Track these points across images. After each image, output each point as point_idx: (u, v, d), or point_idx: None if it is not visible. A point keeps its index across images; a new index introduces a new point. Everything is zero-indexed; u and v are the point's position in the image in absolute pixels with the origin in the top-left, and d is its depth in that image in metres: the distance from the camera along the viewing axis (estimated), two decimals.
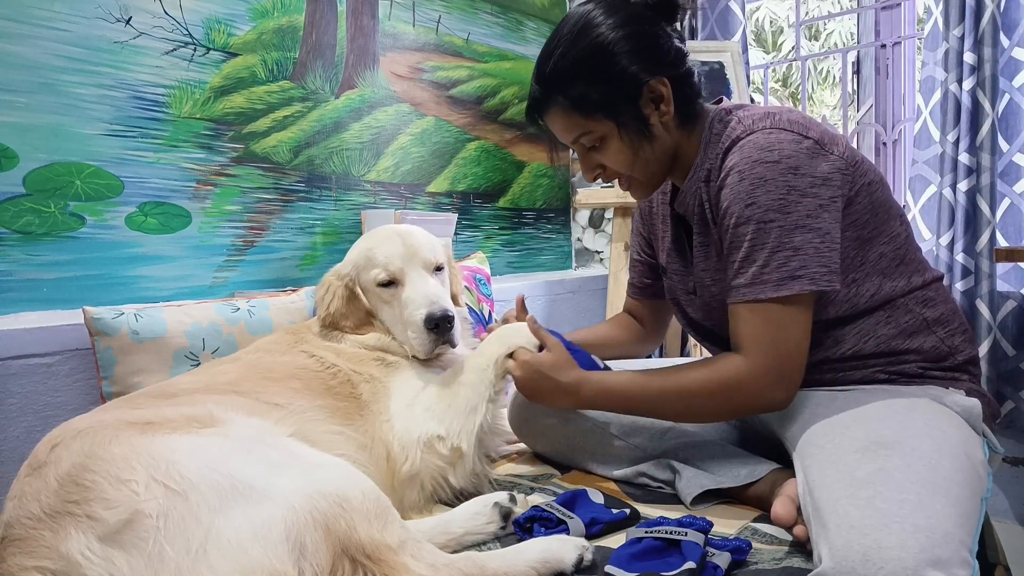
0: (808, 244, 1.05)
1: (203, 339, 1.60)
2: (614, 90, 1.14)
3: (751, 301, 1.07)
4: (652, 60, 1.15)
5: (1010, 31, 1.97)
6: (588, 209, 3.08)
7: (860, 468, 0.92)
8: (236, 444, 0.95)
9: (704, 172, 1.19)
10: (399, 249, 1.43)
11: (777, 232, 1.05)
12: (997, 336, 1.98)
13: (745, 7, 2.61)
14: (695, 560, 0.93)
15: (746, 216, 1.07)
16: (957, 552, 0.81)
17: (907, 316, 1.14)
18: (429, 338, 1.37)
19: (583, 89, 1.14)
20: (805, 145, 1.07)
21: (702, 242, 1.23)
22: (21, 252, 1.62)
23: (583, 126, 1.18)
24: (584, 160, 1.24)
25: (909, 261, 1.16)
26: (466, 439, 1.26)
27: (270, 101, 2.05)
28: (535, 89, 1.20)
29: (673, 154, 1.23)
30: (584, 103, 1.15)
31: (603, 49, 1.13)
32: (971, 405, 1.08)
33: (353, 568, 0.88)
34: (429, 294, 1.39)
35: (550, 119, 1.22)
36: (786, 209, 1.05)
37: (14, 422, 1.52)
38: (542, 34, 2.93)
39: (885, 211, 1.15)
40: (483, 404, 1.29)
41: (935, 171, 2.08)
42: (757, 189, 1.06)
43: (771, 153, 1.06)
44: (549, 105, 1.19)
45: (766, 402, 1.10)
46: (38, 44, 1.63)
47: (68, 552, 0.80)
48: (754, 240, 1.06)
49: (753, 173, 1.06)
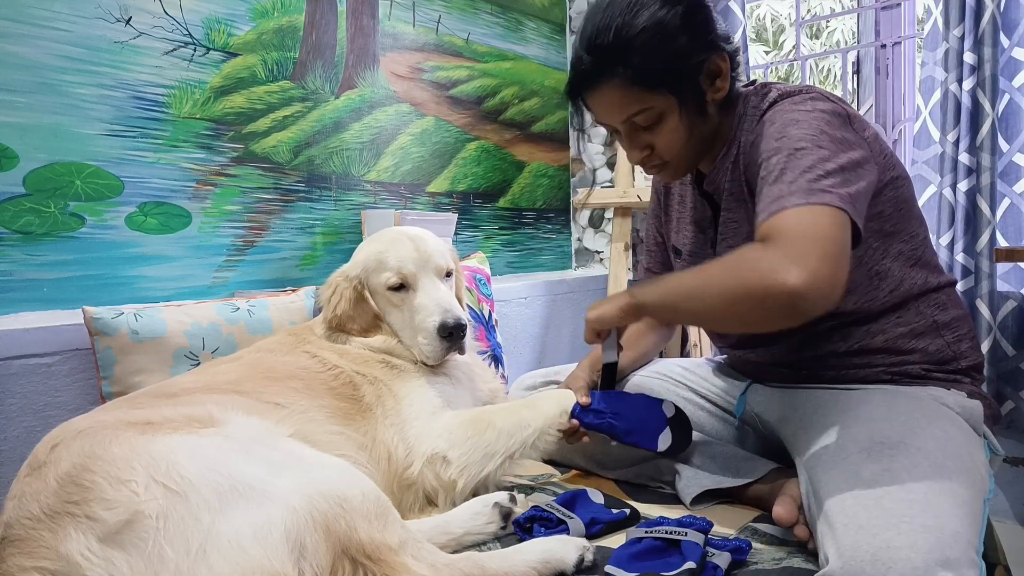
0: (836, 172, 0.95)
1: (203, 339, 1.60)
2: (679, 64, 1.10)
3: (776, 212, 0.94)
4: (710, 36, 1.14)
5: (1010, 31, 1.96)
6: (588, 209, 3.08)
7: (866, 468, 0.92)
8: (236, 444, 0.95)
9: (744, 145, 1.16)
10: (412, 253, 1.42)
11: (808, 157, 0.97)
12: (997, 336, 1.97)
13: (745, 7, 2.61)
14: (695, 560, 0.93)
15: (776, 148, 1.02)
16: (966, 552, 0.81)
17: (918, 317, 1.15)
18: (441, 345, 1.36)
19: (647, 62, 1.09)
20: (839, 109, 1.06)
21: (732, 218, 1.21)
22: (21, 252, 1.62)
23: (643, 101, 1.12)
24: (632, 140, 1.18)
25: (926, 263, 1.17)
26: (465, 478, 1.21)
27: (270, 101, 2.05)
28: (587, 61, 1.13)
29: (714, 136, 1.20)
30: (648, 76, 1.10)
31: (665, 23, 1.09)
32: (972, 406, 1.09)
33: (353, 568, 0.88)
34: (442, 301, 1.39)
35: (601, 94, 1.14)
36: (818, 142, 0.99)
37: (14, 422, 1.52)
38: (542, 34, 2.93)
39: (908, 210, 1.15)
40: (501, 457, 1.23)
41: (935, 171, 2.08)
42: (789, 127, 1.03)
43: (806, 105, 1.06)
44: (605, 78, 1.12)
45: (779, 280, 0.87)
46: (38, 44, 1.63)
47: (68, 552, 0.79)
48: (785, 164, 0.99)
49: (787, 118, 1.05)
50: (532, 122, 2.90)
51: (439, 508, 1.23)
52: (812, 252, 0.88)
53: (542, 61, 2.94)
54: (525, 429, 1.25)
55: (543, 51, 2.95)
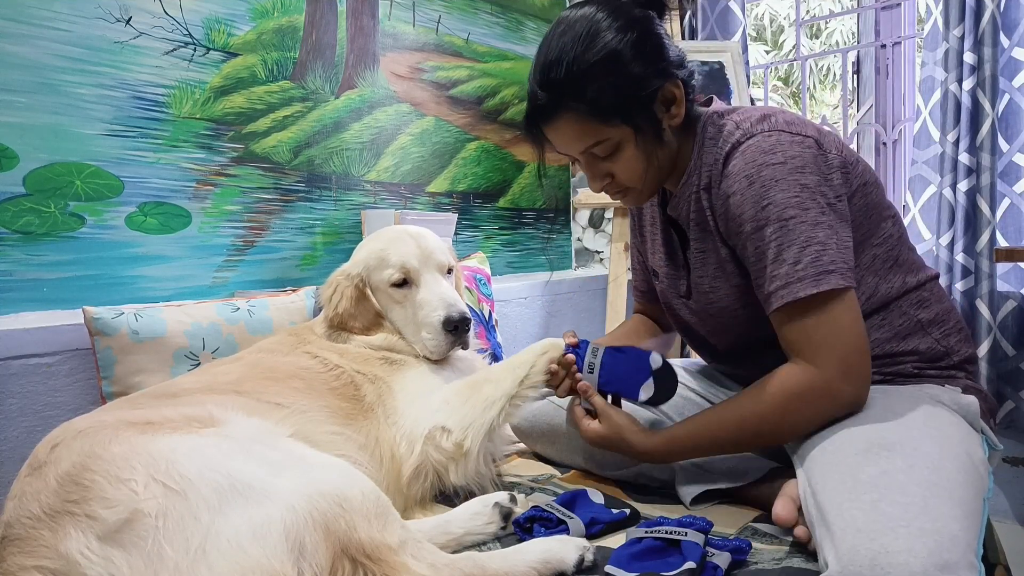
0: (830, 240, 1.02)
1: (203, 339, 1.60)
2: (632, 95, 1.11)
3: (791, 302, 1.02)
4: (663, 63, 1.13)
5: (1010, 31, 1.96)
6: (588, 209, 3.08)
7: (863, 470, 0.91)
8: (236, 444, 0.95)
9: (704, 179, 1.16)
10: (414, 250, 1.44)
11: (801, 228, 1.02)
12: (997, 336, 1.97)
13: (745, 7, 2.61)
14: (695, 560, 0.93)
15: (764, 217, 1.04)
16: (964, 555, 0.80)
17: (901, 319, 1.14)
18: (446, 340, 1.38)
19: (600, 94, 1.10)
20: (807, 145, 1.06)
21: (700, 248, 1.21)
22: (21, 252, 1.62)
23: (599, 133, 1.13)
24: (592, 170, 1.20)
25: (903, 262, 1.16)
26: (472, 435, 1.21)
27: (270, 101, 2.05)
28: (541, 96, 1.14)
29: (674, 161, 1.21)
30: (602, 108, 1.10)
31: (617, 54, 1.09)
32: (968, 402, 1.08)
33: (353, 568, 0.88)
34: (445, 296, 1.40)
35: (558, 127, 1.15)
36: (804, 206, 1.03)
37: (14, 422, 1.52)
38: (542, 34, 2.93)
39: (878, 212, 1.15)
40: (501, 400, 1.25)
41: (935, 171, 2.08)
42: (770, 190, 1.04)
43: (775, 155, 1.05)
44: (559, 112, 1.13)
45: (838, 402, 1.04)
46: (38, 44, 1.63)
47: (68, 551, 0.79)
48: (780, 239, 1.03)
49: (762, 176, 1.05)
50: None
51: (452, 486, 1.23)
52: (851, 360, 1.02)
53: None
54: (516, 369, 1.27)
55: None
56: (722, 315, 1.20)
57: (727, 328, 1.23)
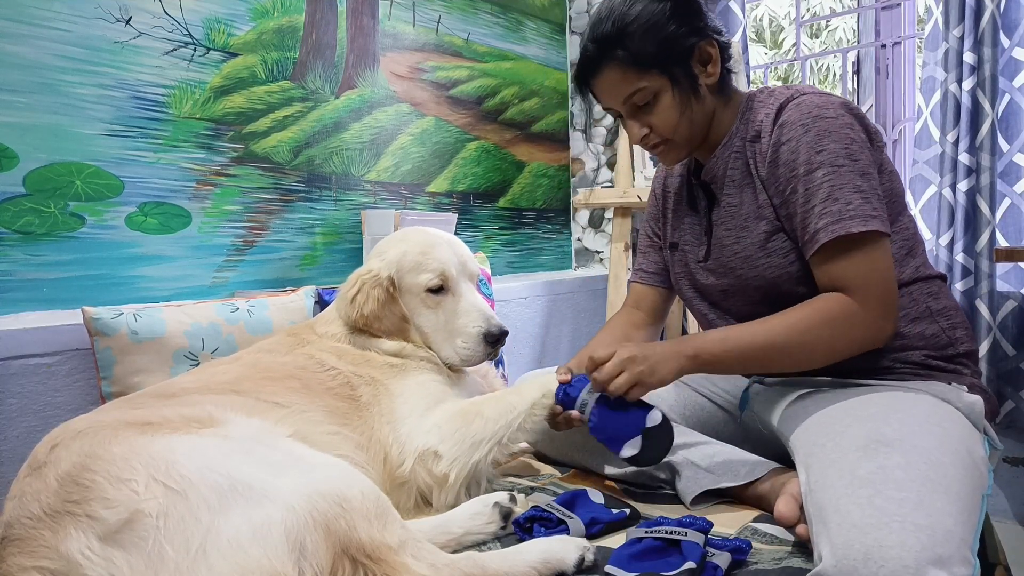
0: (875, 191, 1.13)
1: (203, 339, 1.60)
2: (669, 48, 1.22)
3: (842, 236, 1.10)
4: (701, 23, 1.24)
5: (1010, 31, 1.97)
6: (588, 209, 3.08)
7: (861, 466, 0.92)
8: (236, 444, 0.95)
9: (752, 132, 1.25)
10: (452, 257, 1.43)
11: (851, 176, 1.12)
12: (997, 336, 1.98)
13: (745, 6, 2.61)
14: (695, 560, 0.93)
15: (819, 161, 1.13)
16: (958, 550, 0.81)
17: (912, 303, 1.19)
18: (483, 351, 1.39)
19: (641, 45, 1.21)
20: (852, 110, 1.18)
21: (731, 203, 1.28)
22: (21, 252, 1.62)
23: (639, 81, 1.23)
24: (632, 121, 1.29)
25: (916, 255, 1.23)
26: (456, 470, 1.21)
27: (270, 101, 2.05)
28: (590, 49, 1.25)
29: (710, 121, 1.29)
30: (641, 58, 1.21)
31: (659, 11, 1.21)
32: (973, 402, 1.09)
33: (353, 568, 0.88)
34: (483, 308, 1.41)
35: (602, 79, 1.26)
36: (854, 157, 1.13)
37: (14, 422, 1.52)
38: (542, 34, 2.94)
39: (899, 202, 1.23)
40: (490, 443, 1.23)
41: (935, 171, 2.08)
42: (824, 139, 1.13)
43: (828, 111, 1.15)
44: (604, 63, 1.24)
45: (876, 334, 1.12)
46: (38, 44, 1.63)
47: (68, 552, 0.79)
48: (833, 181, 1.12)
49: (817, 126, 1.14)
50: (532, 122, 2.91)
51: (433, 509, 1.22)
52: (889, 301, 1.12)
53: (542, 61, 2.94)
54: (510, 412, 1.26)
55: (543, 51, 2.95)
56: (742, 266, 1.25)
57: (741, 285, 1.26)
